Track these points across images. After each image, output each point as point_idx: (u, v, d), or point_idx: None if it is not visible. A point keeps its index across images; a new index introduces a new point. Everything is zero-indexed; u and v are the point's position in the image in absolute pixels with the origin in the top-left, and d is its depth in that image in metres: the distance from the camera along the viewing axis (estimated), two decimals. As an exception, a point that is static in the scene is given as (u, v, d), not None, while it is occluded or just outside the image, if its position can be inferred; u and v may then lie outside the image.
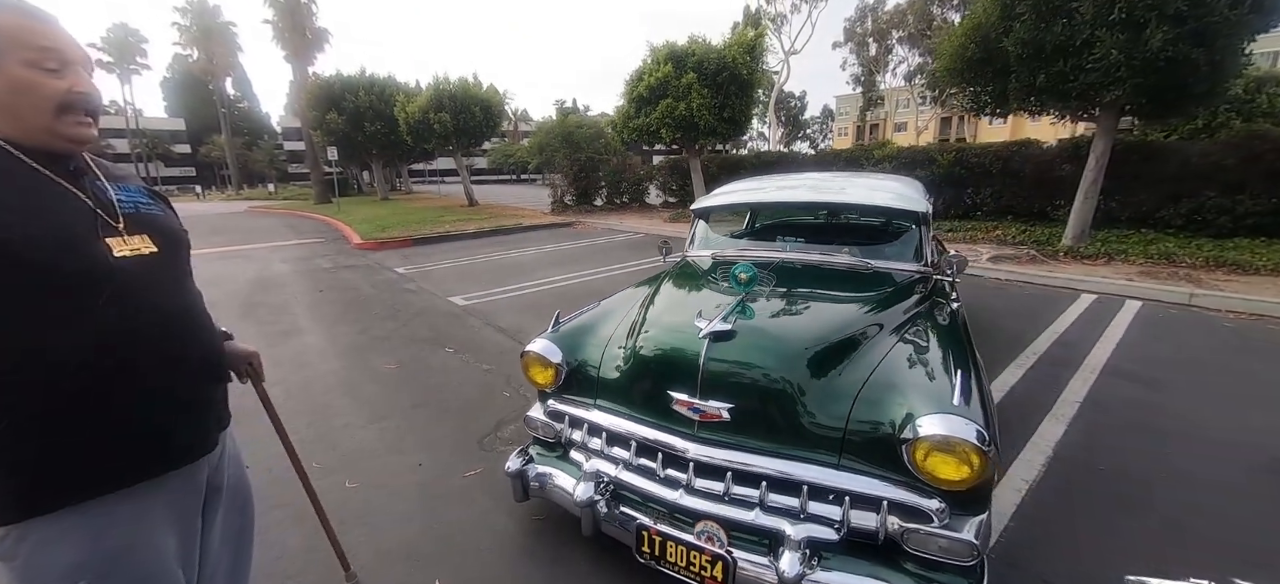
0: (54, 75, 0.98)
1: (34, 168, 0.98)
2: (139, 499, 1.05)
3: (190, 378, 1.14)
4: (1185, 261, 6.58)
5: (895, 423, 1.55)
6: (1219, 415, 3.05)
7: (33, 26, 0.97)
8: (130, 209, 1.10)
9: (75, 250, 0.97)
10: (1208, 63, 5.82)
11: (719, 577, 1.61)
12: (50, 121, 0.99)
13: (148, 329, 1.05)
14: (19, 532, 0.96)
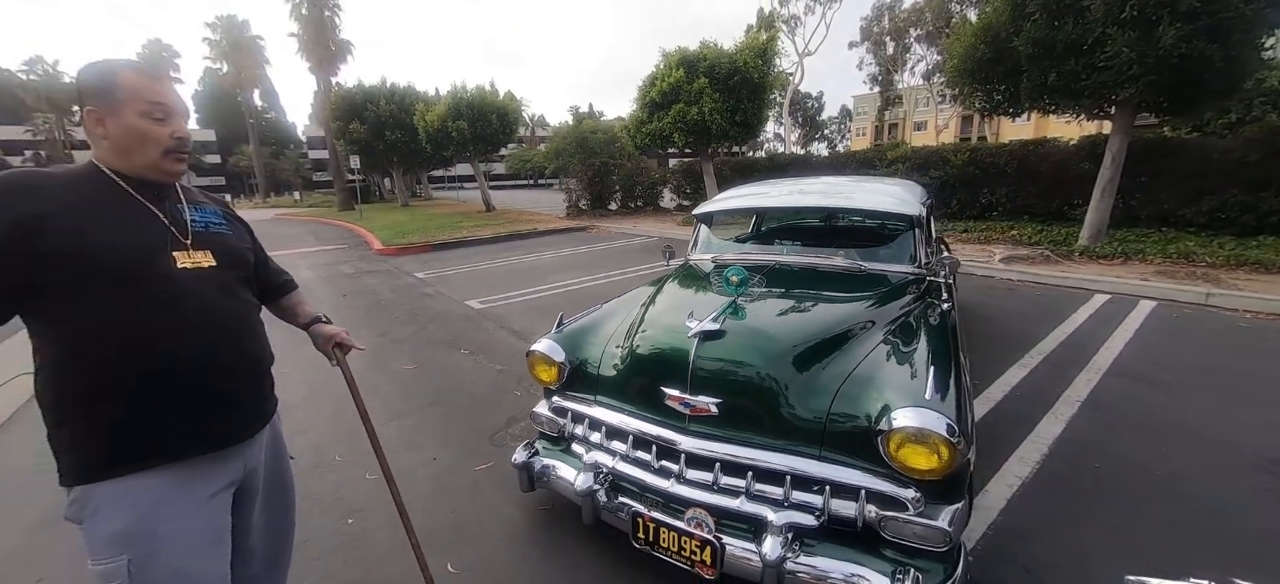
0: (160, 124, 1.20)
1: (130, 194, 1.20)
2: (175, 479, 1.21)
3: (230, 374, 1.30)
4: (1205, 261, 6.46)
5: (872, 416, 1.65)
6: (1222, 415, 3.05)
7: (149, 84, 1.19)
8: (200, 229, 1.30)
9: (144, 261, 1.17)
10: (1224, 59, 5.73)
11: (708, 561, 1.72)
12: (156, 161, 1.22)
13: (196, 329, 1.22)
14: (83, 495, 1.14)
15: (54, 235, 1.08)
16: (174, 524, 1.20)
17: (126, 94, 1.18)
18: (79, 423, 1.14)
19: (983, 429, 2.95)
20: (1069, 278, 6.21)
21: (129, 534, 1.15)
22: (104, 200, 1.17)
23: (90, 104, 1.18)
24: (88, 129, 1.19)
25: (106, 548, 1.14)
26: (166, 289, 1.19)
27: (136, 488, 1.16)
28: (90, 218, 1.13)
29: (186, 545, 1.21)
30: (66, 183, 1.15)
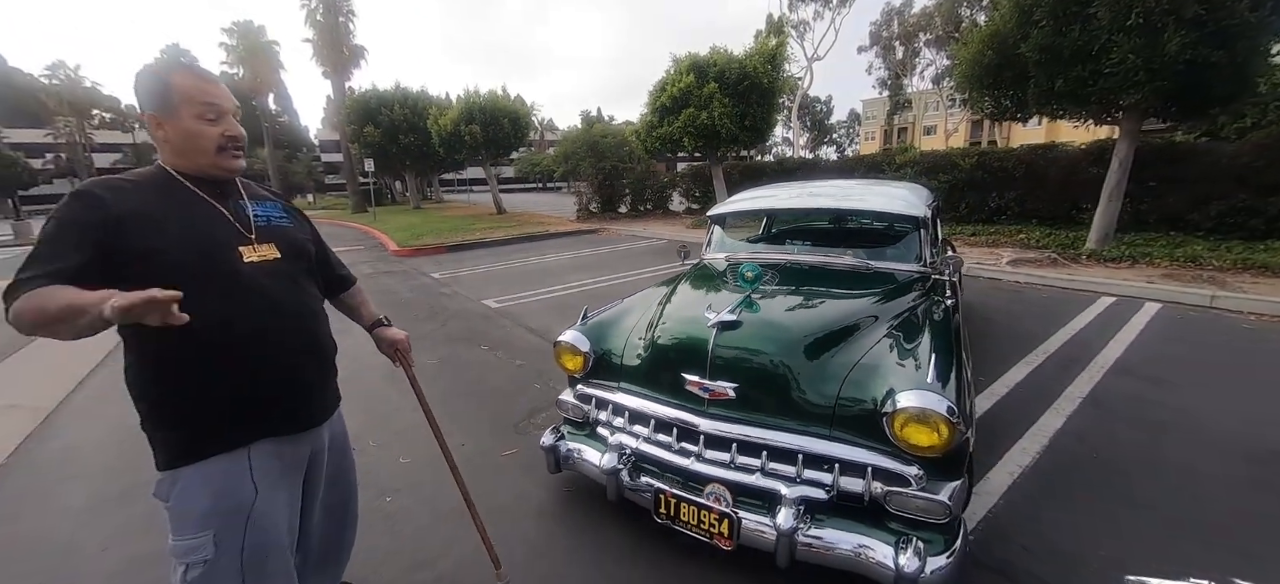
0: (213, 123, 1.29)
1: (197, 193, 1.30)
2: (257, 458, 1.31)
3: (298, 362, 1.39)
4: (1212, 264, 6.52)
5: (878, 399, 1.79)
6: (1220, 411, 3.15)
7: (202, 86, 1.28)
8: (263, 223, 1.39)
9: (214, 257, 1.26)
10: (1229, 65, 5.81)
11: (726, 533, 1.87)
12: (213, 158, 1.31)
13: (265, 320, 1.31)
14: (171, 477, 1.25)
15: (136, 235, 1.17)
16: (253, 503, 1.30)
17: (180, 97, 1.26)
18: (165, 411, 1.25)
19: (986, 422, 3.07)
20: (1075, 280, 6.29)
21: (212, 512, 1.25)
22: (176, 200, 1.27)
23: (149, 110, 1.27)
24: (150, 133, 1.30)
25: (192, 525, 1.24)
26: (236, 283, 1.27)
27: (218, 470, 1.26)
28: (166, 217, 1.23)
29: (264, 521, 1.32)
30: (142, 185, 1.26)
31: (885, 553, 1.69)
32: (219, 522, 1.25)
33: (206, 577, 1.25)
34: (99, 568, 2.17)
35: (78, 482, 2.84)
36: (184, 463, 1.25)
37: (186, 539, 1.24)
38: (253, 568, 1.29)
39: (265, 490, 1.32)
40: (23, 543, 2.35)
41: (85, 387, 4.26)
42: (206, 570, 1.24)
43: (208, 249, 1.26)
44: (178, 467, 1.25)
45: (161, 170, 1.31)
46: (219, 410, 1.26)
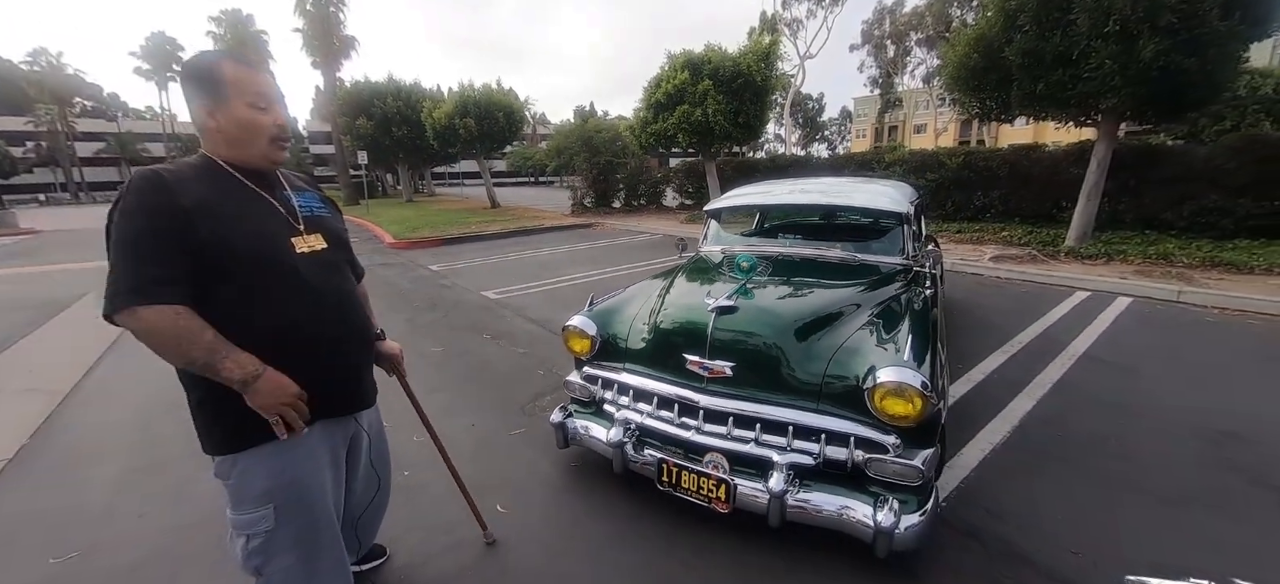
0: (264, 113, 1.31)
1: (246, 184, 1.33)
2: (310, 440, 1.40)
3: (348, 347, 1.48)
4: (1182, 262, 6.83)
5: (860, 376, 1.99)
6: (1175, 394, 3.40)
7: (252, 75, 1.30)
8: (308, 213, 1.44)
9: (273, 249, 1.32)
10: (1201, 72, 6.08)
11: (723, 497, 2.07)
12: (264, 149, 1.34)
13: (317, 308, 1.37)
14: (231, 460, 1.33)
15: (204, 226, 1.20)
16: (309, 478, 1.41)
17: (232, 88, 1.26)
18: (223, 398, 1.26)
19: (961, 406, 3.30)
20: (1053, 276, 6.57)
21: (272, 489, 1.35)
22: (230, 192, 1.29)
23: (200, 100, 1.26)
24: (200, 123, 1.29)
25: (252, 502, 1.34)
26: (292, 274, 1.32)
27: (274, 452, 1.34)
28: (225, 209, 1.25)
29: (316, 498, 1.43)
30: (199, 175, 1.26)
31: (865, 512, 1.90)
32: (277, 498, 1.36)
33: (265, 546, 1.37)
34: (139, 533, 2.32)
35: (105, 457, 2.98)
36: (242, 448, 1.32)
37: (247, 514, 1.35)
38: (306, 540, 1.42)
39: (316, 470, 1.43)
40: (63, 512, 2.49)
41: (96, 371, 4.37)
42: (266, 541, 1.37)
43: (266, 241, 1.31)
44: (236, 452, 1.32)
45: (209, 160, 1.31)
46: None
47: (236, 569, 1.42)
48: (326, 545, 1.48)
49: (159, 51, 48.38)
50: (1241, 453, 2.73)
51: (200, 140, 1.33)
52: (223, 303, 1.24)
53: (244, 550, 1.38)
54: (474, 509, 2.18)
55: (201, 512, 2.44)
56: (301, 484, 1.39)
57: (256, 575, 1.42)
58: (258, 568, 1.40)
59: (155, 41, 48.33)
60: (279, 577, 1.41)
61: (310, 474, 1.41)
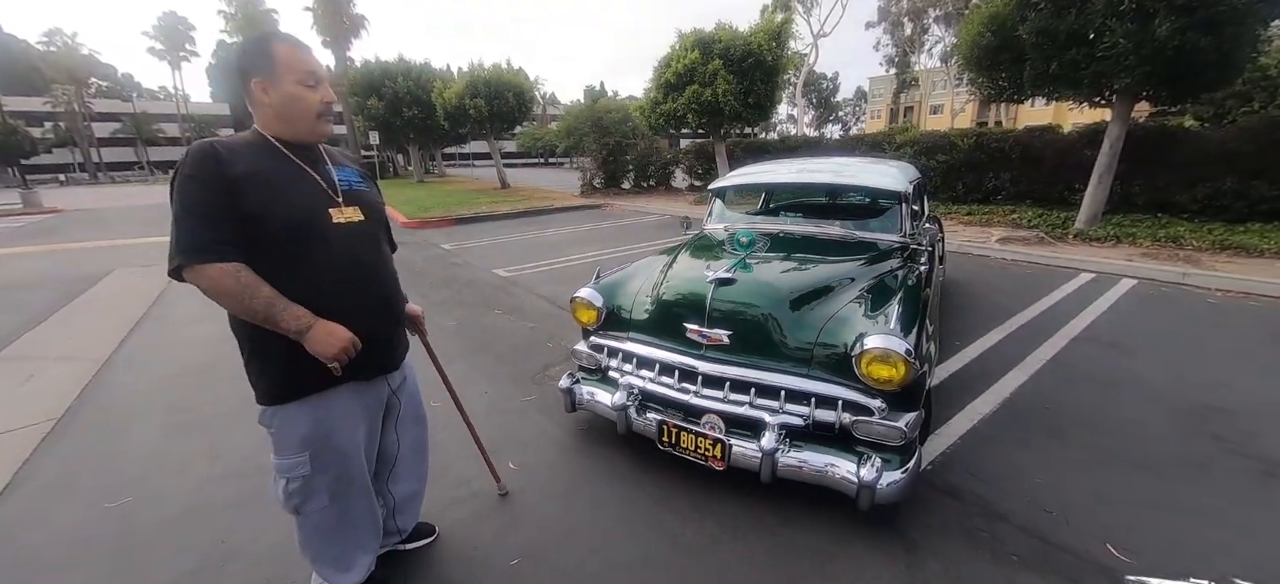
0: (313, 90, 1.41)
1: (291, 158, 1.43)
2: (344, 398, 1.53)
3: (378, 313, 1.58)
4: (1192, 245, 6.80)
5: (849, 344, 2.12)
6: (1167, 372, 3.49)
7: (301, 55, 1.40)
8: (346, 187, 1.53)
9: (311, 219, 1.42)
10: (1216, 51, 6.01)
11: (719, 455, 2.22)
12: (312, 124, 1.44)
13: (352, 276, 1.48)
14: (274, 410, 1.48)
15: (252, 196, 1.31)
16: (342, 432, 1.55)
17: (284, 66, 1.37)
18: (269, 355, 1.41)
19: (956, 379, 3.41)
20: (1058, 258, 6.59)
21: (310, 437, 1.50)
22: (277, 164, 1.40)
23: (256, 76, 1.37)
24: (254, 98, 1.40)
25: (293, 448, 1.49)
26: (328, 242, 1.42)
27: (316, 405, 1.49)
28: (272, 180, 1.37)
29: (348, 450, 1.57)
30: (250, 149, 1.38)
31: (849, 468, 2.04)
32: (312, 446, 1.50)
33: (302, 489, 1.54)
34: (183, 483, 2.53)
35: (145, 418, 3.20)
36: (283, 401, 1.46)
37: (288, 459, 1.51)
38: (338, 487, 1.59)
39: (349, 426, 1.57)
40: (113, 464, 2.71)
41: (129, 341, 4.61)
42: (303, 484, 1.53)
43: (307, 211, 1.41)
44: (279, 403, 1.47)
45: (260, 135, 1.43)
46: (311, 358, 1.40)
47: (278, 511, 1.60)
48: (357, 494, 1.64)
49: (171, 31, 48.74)
50: (1224, 426, 2.83)
51: (252, 116, 1.45)
52: (269, 265, 1.35)
53: (284, 492, 1.54)
54: (489, 464, 2.36)
55: (238, 466, 2.65)
56: (335, 436, 1.53)
57: (296, 514, 1.59)
58: (296, 507, 1.57)
59: (167, 21, 48.67)
60: (314, 516, 1.59)
61: (343, 428, 1.55)
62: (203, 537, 2.16)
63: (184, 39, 49.66)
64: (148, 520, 2.27)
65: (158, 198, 23.78)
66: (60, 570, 2.00)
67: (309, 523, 1.61)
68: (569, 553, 2.05)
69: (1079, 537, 2.06)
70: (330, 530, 1.64)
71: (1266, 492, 2.32)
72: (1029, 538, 2.06)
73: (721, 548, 2.05)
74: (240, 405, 3.32)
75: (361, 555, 1.72)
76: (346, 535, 1.67)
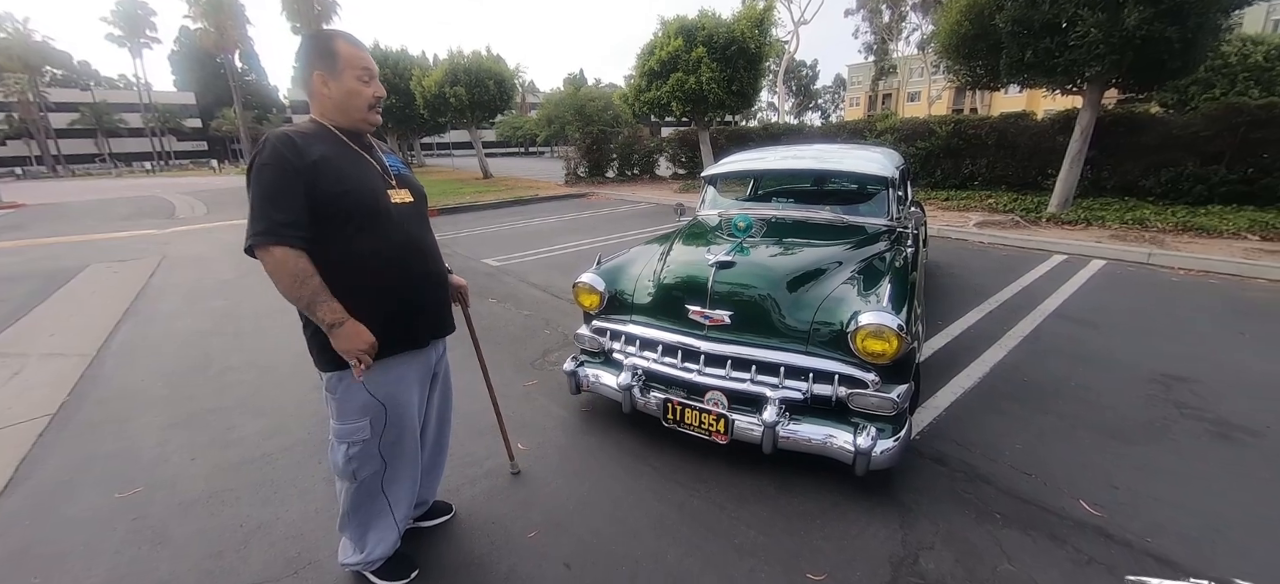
0: (367, 85, 1.55)
1: (350, 145, 1.56)
2: (401, 365, 1.66)
3: (431, 286, 1.72)
4: (1156, 226, 7.14)
5: (844, 321, 2.24)
6: (1133, 345, 3.71)
7: (360, 52, 1.53)
8: (397, 172, 1.68)
9: (378, 198, 1.56)
10: (1181, 40, 6.28)
11: (722, 430, 2.33)
12: (365, 115, 1.57)
13: (408, 252, 1.62)
14: (338, 376, 1.58)
15: (327, 178, 1.44)
16: (401, 397, 1.67)
17: (345, 61, 1.50)
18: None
19: (939, 356, 3.58)
20: (1033, 240, 6.86)
21: (371, 404, 1.61)
22: (340, 150, 1.52)
23: (319, 68, 1.50)
24: (314, 89, 1.52)
25: (355, 414, 1.60)
26: (390, 220, 1.56)
27: (377, 371, 1.57)
28: (341, 164, 1.49)
29: (404, 413, 1.69)
30: (318, 136, 1.50)
31: (846, 438, 2.17)
32: (373, 412, 1.61)
33: (362, 453, 1.64)
34: (193, 472, 2.55)
35: (143, 411, 3.20)
36: (345, 366, 1.54)
37: (350, 424, 1.61)
38: (393, 447, 1.70)
39: (404, 390, 1.69)
40: (117, 456, 2.71)
41: (117, 336, 4.55)
42: (362, 448, 1.64)
43: (375, 191, 1.55)
44: (341, 370, 1.56)
45: (320, 124, 1.54)
46: (378, 321, 1.53)
47: (295, 495, 1.65)
48: (408, 454, 1.77)
49: (131, 17, 46.80)
50: (1185, 394, 3.04)
51: (309, 105, 1.57)
52: (342, 240, 1.48)
53: (344, 456, 1.63)
54: (506, 441, 2.45)
55: (249, 453, 2.69)
56: (394, 400, 1.65)
57: (351, 480, 1.68)
58: (354, 473, 1.66)
59: (127, 6, 46.72)
60: (367, 483, 1.70)
61: (402, 392, 1.68)
62: (221, 521, 2.20)
63: (145, 24, 47.70)
64: (163, 509, 2.29)
65: (127, 191, 22.98)
66: (80, 558, 2.03)
67: (361, 491, 1.70)
68: (584, 522, 2.15)
69: (1055, 496, 2.22)
70: (374, 499, 1.74)
71: (1220, 451, 2.52)
72: (1010, 498, 2.22)
73: (727, 514, 2.17)
74: (243, 397, 3.33)
75: (396, 528, 1.82)
76: (388, 506, 1.77)
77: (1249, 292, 4.87)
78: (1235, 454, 2.49)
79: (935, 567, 1.89)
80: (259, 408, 3.19)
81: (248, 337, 4.43)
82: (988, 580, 1.83)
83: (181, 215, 13.47)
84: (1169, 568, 1.86)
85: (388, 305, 1.58)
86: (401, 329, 1.63)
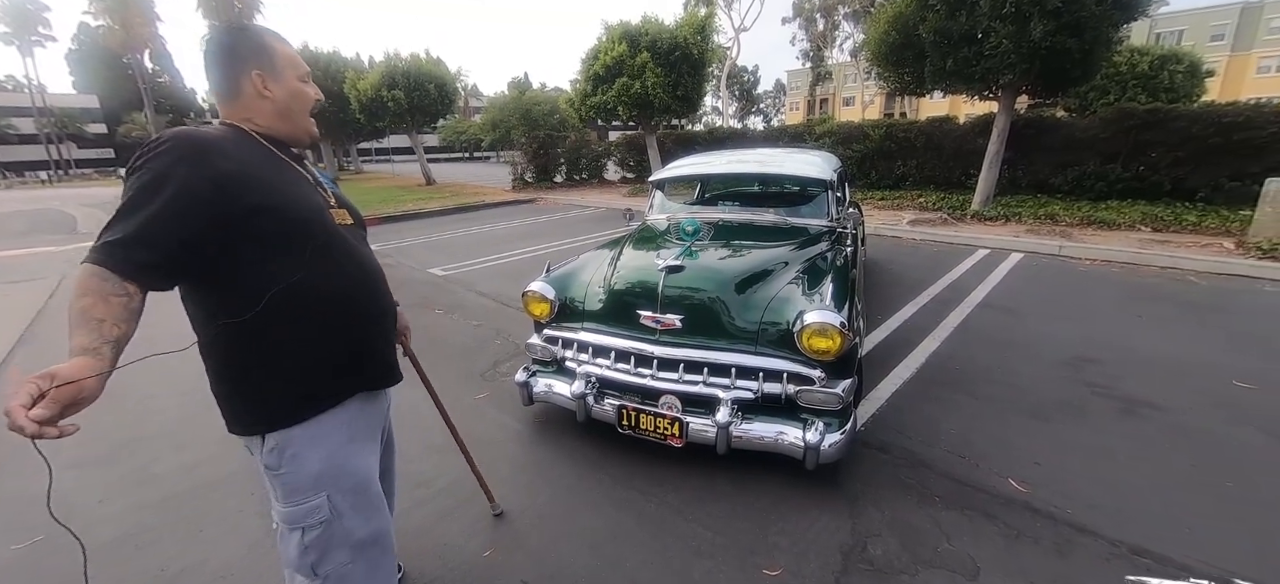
0: (308, 86, 1.34)
1: (277, 154, 1.27)
2: (355, 411, 1.33)
3: (386, 319, 1.45)
4: (1065, 220, 7.78)
5: (790, 321, 2.31)
6: (1050, 331, 4.03)
7: (294, 52, 1.32)
8: (331, 188, 1.40)
9: (321, 217, 1.27)
10: (1080, 51, 6.90)
11: (677, 433, 2.35)
12: (306, 121, 1.35)
13: (358, 279, 1.33)
14: (279, 446, 1.21)
15: (257, 192, 1.14)
16: (359, 459, 1.35)
17: (283, 60, 1.28)
18: (275, 372, 1.20)
19: (878, 350, 3.76)
20: (960, 236, 7.33)
21: (324, 473, 1.27)
22: (271, 162, 1.23)
23: (257, 68, 1.24)
24: (248, 91, 1.25)
25: (307, 489, 1.25)
26: (338, 244, 1.29)
27: (325, 429, 1.27)
28: (271, 178, 1.19)
29: (366, 472, 1.37)
30: (237, 143, 1.19)
31: (796, 434, 2.23)
32: (331, 481, 1.28)
33: (324, 537, 1.27)
34: (106, 514, 2.32)
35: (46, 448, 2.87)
36: (291, 423, 1.23)
37: (302, 504, 1.25)
38: (362, 516, 1.34)
39: (363, 443, 1.37)
40: (13, 500, 2.43)
41: (10, 364, 4.08)
42: (324, 530, 1.27)
43: (318, 210, 1.27)
44: (284, 428, 1.22)
45: (239, 131, 1.24)
46: (328, 366, 1.27)
47: (226, 532, 1.47)
48: (380, 519, 1.40)
49: (20, 12, 42.33)
50: (1094, 373, 3.33)
51: (227, 111, 1.27)
52: (282, 275, 1.17)
53: (299, 547, 1.28)
54: (483, 485, 2.18)
55: (168, 491, 2.47)
56: (353, 461, 1.33)
57: (311, 575, 1.30)
58: (313, 566, 1.29)
59: (16, 2, 42.15)
60: (335, 575, 1.31)
61: (360, 450, 1.36)
62: (139, 567, 2.01)
63: (36, 21, 43.17)
64: (69, 558, 2.07)
65: (20, 203, 20.69)
66: (-34, 621, 1.80)
67: None
68: (541, 537, 2.11)
69: (987, 476, 2.38)
70: None
71: (1126, 425, 2.78)
72: (947, 481, 2.35)
73: (684, 516, 2.19)
74: (165, 427, 3.07)
75: None
76: None
77: (1143, 278, 5.40)
78: (1139, 427, 2.75)
79: (882, 552, 1.98)
80: (182, 439, 2.95)
81: (171, 361, 4.07)
82: (930, 561, 1.93)
83: (85, 230, 12.26)
84: (1149, 555, 2.03)
85: (342, 348, 1.30)
86: (354, 369, 1.34)
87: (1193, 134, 7.86)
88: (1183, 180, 8.14)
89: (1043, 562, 1.92)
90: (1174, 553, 1.93)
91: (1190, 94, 13.42)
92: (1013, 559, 1.93)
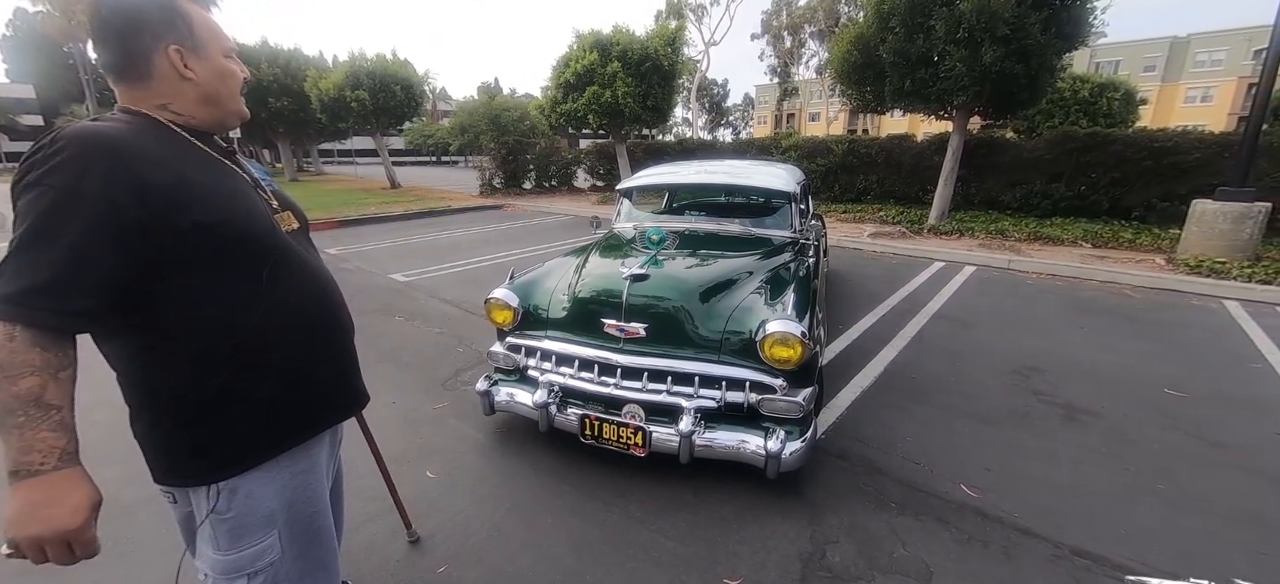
0: (233, 62, 1.10)
1: (204, 150, 1.05)
2: (308, 454, 1.18)
3: (348, 338, 1.27)
4: (1014, 236, 8.17)
5: (753, 330, 2.33)
6: (999, 341, 4.21)
7: (214, 22, 1.08)
8: (270, 186, 1.20)
9: (271, 230, 1.08)
10: (1027, 76, 7.29)
11: (640, 443, 2.34)
12: (237, 103, 1.12)
13: (318, 295, 1.17)
14: (231, 487, 1.06)
15: (199, 207, 0.95)
16: (317, 486, 1.21)
17: (206, 33, 1.04)
18: (219, 413, 1.04)
19: (839, 359, 3.84)
20: (917, 250, 7.60)
21: (278, 509, 1.13)
22: (201, 161, 1.02)
23: (172, 42, 0.98)
24: (164, 71, 0.99)
25: (259, 527, 1.10)
26: (291, 256, 1.11)
27: (287, 466, 1.14)
28: (206, 182, 1.00)
29: (323, 503, 1.23)
30: (160, 140, 0.97)
31: (758, 443, 2.25)
32: (283, 515, 1.14)
33: (271, 579, 1.13)
34: (19, 535, 2.14)
35: None
36: (250, 464, 1.08)
37: (249, 549, 1.09)
38: (313, 545, 1.21)
39: (319, 478, 1.23)
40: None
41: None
42: (272, 573, 1.13)
43: (265, 218, 1.08)
44: (243, 473, 1.07)
45: (150, 121, 1.00)
46: (293, 403, 1.13)
47: (153, 554, 1.34)
48: (329, 554, 1.27)
49: (-54, -7, 39.41)
50: (1040, 381, 3.49)
51: (130, 95, 1.01)
52: (228, 299, 1.02)
53: None
54: (400, 508, 2.04)
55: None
56: (307, 494, 1.19)
57: None
58: None
59: (-61, -20, 39.29)
60: None
61: (316, 487, 1.21)
62: (56, 591, 1.86)
63: (-36, 4, 40.30)
64: (-25, 583, 1.90)
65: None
66: None
67: None
68: (499, 551, 2.05)
69: (940, 481, 2.45)
70: None
71: (1069, 431, 2.91)
72: (903, 487, 2.41)
73: (647, 527, 2.17)
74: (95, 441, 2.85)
75: None
76: None
77: (1084, 291, 5.70)
78: (1080, 433, 2.89)
79: (840, 559, 2.00)
80: (112, 453, 2.74)
81: (102, 370, 3.82)
82: (886, 567, 1.97)
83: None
84: (1088, 556, 2.11)
85: (307, 380, 1.15)
86: (324, 408, 1.21)
87: (1127, 157, 8.41)
88: (1120, 200, 8.68)
89: (991, 565, 1.98)
90: (1111, 553, 2.03)
91: (1126, 120, 14.33)
92: (963, 563, 1.99)
